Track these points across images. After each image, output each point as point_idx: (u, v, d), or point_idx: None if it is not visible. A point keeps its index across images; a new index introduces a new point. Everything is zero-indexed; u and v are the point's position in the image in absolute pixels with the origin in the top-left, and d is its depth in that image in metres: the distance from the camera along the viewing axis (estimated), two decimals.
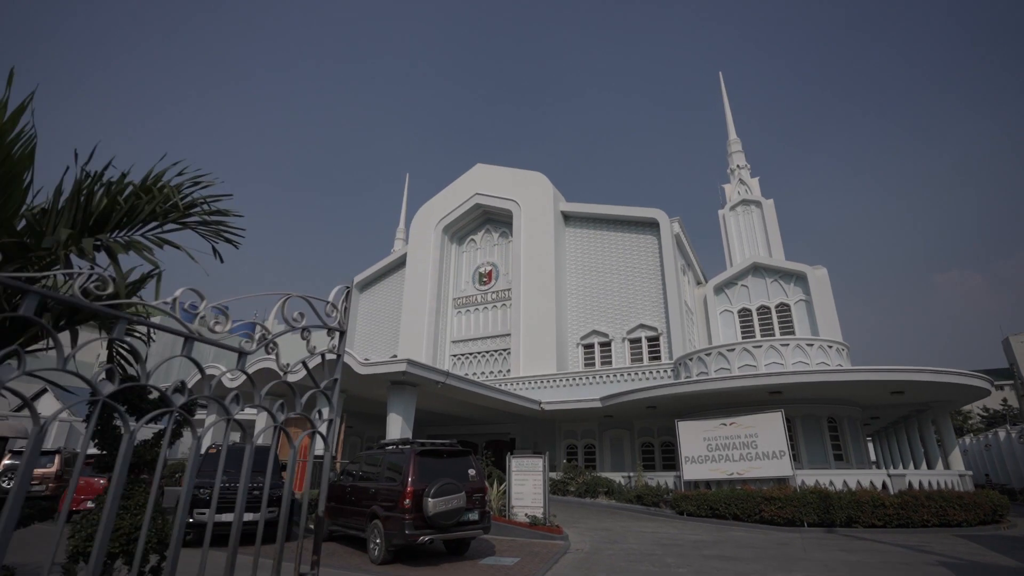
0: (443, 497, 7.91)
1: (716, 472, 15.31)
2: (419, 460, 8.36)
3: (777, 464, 14.41)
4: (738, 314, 28.00)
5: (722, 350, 18.76)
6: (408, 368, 13.40)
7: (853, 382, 14.53)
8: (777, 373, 14.74)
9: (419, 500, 7.90)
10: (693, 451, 15.81)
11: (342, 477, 10.19)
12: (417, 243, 31.92)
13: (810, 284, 26.25)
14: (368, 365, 13.80)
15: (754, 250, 29.77)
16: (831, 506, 12.95)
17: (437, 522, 7.86)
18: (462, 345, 29.35)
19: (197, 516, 9.08)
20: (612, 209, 27.65)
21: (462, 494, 8.15)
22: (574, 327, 26.74)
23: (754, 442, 14.93)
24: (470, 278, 30.71)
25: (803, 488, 13.76)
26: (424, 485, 8.01)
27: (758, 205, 30.94)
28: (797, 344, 17.94)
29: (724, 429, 15.51)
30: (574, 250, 28.33)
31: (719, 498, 14.28)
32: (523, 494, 11.62)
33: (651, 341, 24.77)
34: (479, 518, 8.55)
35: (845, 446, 17.08)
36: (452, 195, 31.86)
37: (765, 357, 17.86)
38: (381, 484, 8.70)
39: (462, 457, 8.98)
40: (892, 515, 12.59)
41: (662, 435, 21.50)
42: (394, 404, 14.82)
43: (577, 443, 23.28)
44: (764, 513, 13.51)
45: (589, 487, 18.18)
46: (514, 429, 25.17)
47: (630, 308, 25.76)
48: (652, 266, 26.08)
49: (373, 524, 8.39)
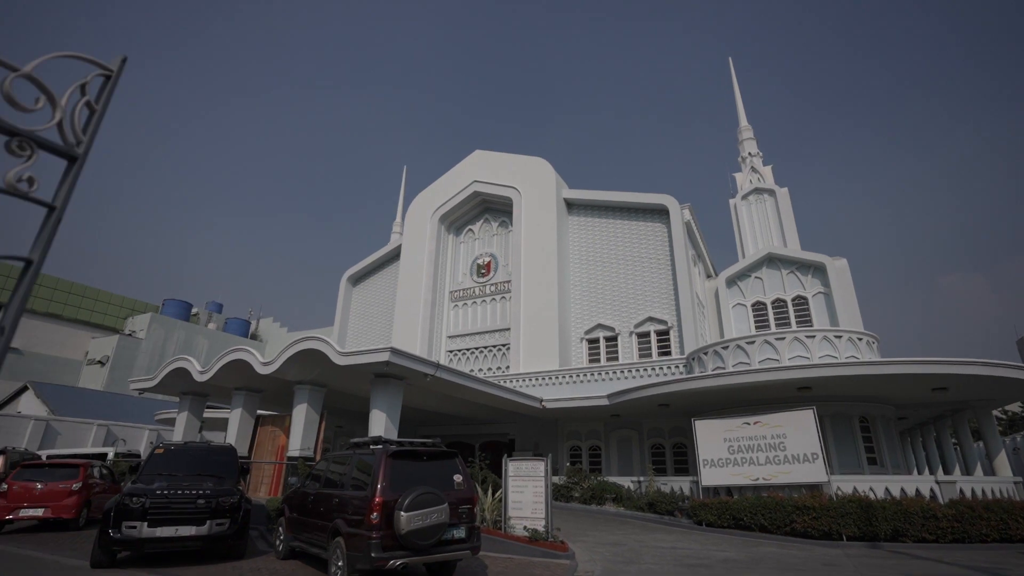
0: (420, 510, 6.30)
1: (739, 477, 13.67)
2: (392, 464, 6.75)
3: (809, 468, 12.76)
4: (752, 308, 26.32)
5: (741, 343, 17.16)
6: (392, 358, 11.79)
7: (894, 376, 12.87)
8: (809, 366, 13.11)
9: (390, 514, 6.29)
10: (712, 453, 14.18)
11: (307, 482, 8.55)
12: (412, 233, 30.34)
13: (829, 276, 24.58)
14: (347, 355, 12.19)
15: (767, 241, 28.12)
16: (874, 517, 11.31)
17: (412, 541, 6.25)
18: (459, 340, 27.73)
19: (127, 531, 7.45)
20: (618, 195, 26.04)
21: (444, 506, 6.54)
22: (578, 321, 25.12)
23: (782, 443, 13.29)
24: (468, 270, 29.11)
25: (840, 496, 12.13)
26: (397, 495, 6.40)
27: (771, 194, 29.29)
28: (824, 336, 16.33)
29: (748, 429, 13.88)
30: (578, 239, 26.72)
31: (743, 507, 12.64)
32: (522, 503, 10.00)
33: (660, 335, 23.13)
34: (466, 535, 6.94)
35: (879, 449, 15.44)
36: (449, 183, 30.28)
37: (789, 350, 16.26)
38: (346, 492, 7.09)
39: (446, 460, 7.36)
40: (945, 528, 10.95)
41: (674, 436, 19.85)
42: (378, 399, 13.22)
43: (581, 444, 21.64)
44: (796, 524, 11.87)
45: (595, 493, 16.55)
46: (513, 430, 23.54)
47: (638, 300, 24.14)
48: (661, 255, 24.45)
49: (335, 542, 6.78)
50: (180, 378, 16.51)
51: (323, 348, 12.44)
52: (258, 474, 15.68)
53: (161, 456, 9.39)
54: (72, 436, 30.03)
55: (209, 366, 15.28)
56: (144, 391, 17.78)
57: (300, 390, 14.65)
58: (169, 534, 7.59)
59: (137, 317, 51.48)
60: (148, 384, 17.20)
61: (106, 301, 52.65)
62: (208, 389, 17.40)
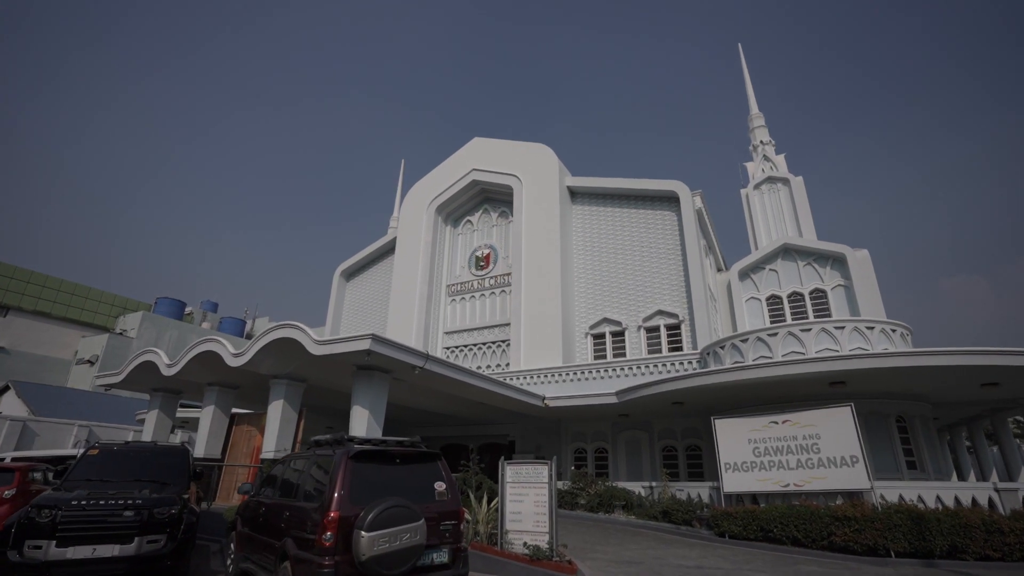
0: (388, 529, 4.84)
1: (766, 483, 12.16)
2: (353, 468, 5.29)
3: (848, 474, 11.25)
4: (766, 302, 24.79)
5: (762, 335, 15.67)
6: (373, 346, 10.34)
7: (945, 369, 11.38)
8: (848, 356, 11.59)
9: (348, 533, 4.83)
10: (735, 456, 12.67)
11: (263, 490, 7.09)
12: (408, 225, 28.91)
13: (850, 267, 23.06)
14: (324, 343, 10.75)
15: (781, 231, 26.62)
16: (927, 530, 9.80)
17: (376, 570, 4.79)
18: (456, 336, 26.27)
19: (29, 552, 5.99)
20: (625, 182, 24.59)
21: (421, 523, 5.08)
22: (582, 315, 23.64)
23: (815, 445, 11.78)
24: (466, 262, 27.65)
25: (885, 506, 10.62)
26: (358, 509, 4.95)
27: (785, 183, 27.80)
28: (855, 327, 14.85)
29: (776, 429, 12.37)
30: (582, 229, 25.26)
31: (773, 516, 11.14)
32: (522, 514, 8.51)
33: (671, 330, 21.65)
34: (449, 559, 5.48)
35: (918, 451, 13.93)
36: (447, 172, 28.86)
37: (816, 343, 14.77)
38: (298, 504, 5.64)
39: (426, 463, 5.89)
40: (1013, 544, 9.42)
41: (687, 438, 18.35)
42: (360, 394, 11.76)
43: (586, 447, 20.14)
44: (835, 538, 10.37)
45: (603, 500, 15.05)
46: (514, 431, 22.06)
47: (646, 293, 22.66)
48: (671, 245, 22.99)
49: (283, 568, 5.32)
50: (149, 373, 15.08)
51: (297, 336, 11.00)
52: (231, 478, 14.22)
53: (95, 458, 7.95)
54: (51, 437, 28.59)
55: (177, 359, 13.86)
56: (110, 387, 16.35)
57: (276, 385, 13.21)
58: (84, 555, 6.12)
59: (128, 316, 50.13)
60: (114, 380, 15.78)
61: (97, 299, 51.28)
62: (180, 385, 15.97)
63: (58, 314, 47.68)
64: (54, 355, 46.07)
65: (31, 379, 38.99)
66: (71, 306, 49.11)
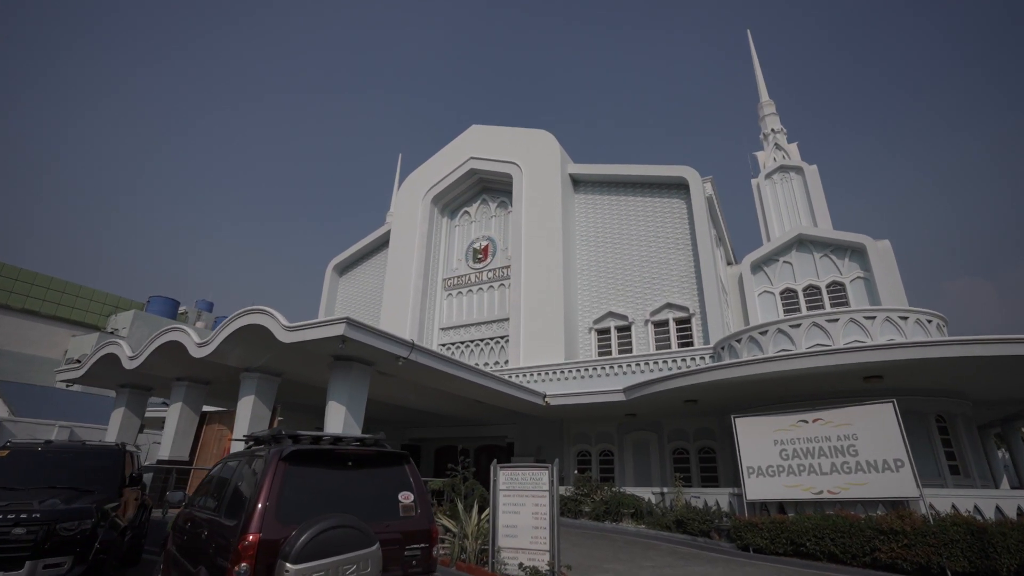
0: (323, 561, 3.49)
1: (795, 489, 10.77)
2: (287, 473, 3.94)
3: (892, 479, 9.86)
4: (780, 295, 23.37)
5: (783, 326, 14.31)
6: (348, 332, 9.00)
7: (997, 359, 9.99)
8: (886, 347, 10.20)
9: (271, 564, 3.49)
10: (759, 459, 11.28)
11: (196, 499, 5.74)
12: (403, 216, 27.59)
13: (871, 259, 21.66)
14: (294, 329, 9.42)
15: (795, 222, 25.24)
16: (990, 546, 8.42)
17: None
18: (452, 332, 24.91)
19: None
20: (631, 169, 23.25)
21: (375, 549, 3.73)
22: (586, 309, 22.28)
23: (852, 447, 10.40)
24: (463, 255, 26.32)
25: (936, 517, 9.24)
26: (288, 530, 3.60)
27: (799, 172, 26.42)
28: (887, 317, 13.48)
29: (805, 428, 10.99)
30: (585, 219, 23.92)
31: (805, 528, 9.76)
32: (517, 528, 7.14)
33: (680, 324, 20.28)
34: None
35: (961, 454, 12.55)
36: (444, 161, 27.55)
37: (844, 334, 13.40)
38: (218, 520, 4.29)
39: (388, 468, 4.53)
40: None
41: (700, 439, 16.96)
42: (336, 388, 10.42)
43: (590, 449, 18.76)
44: (879, 554, 9.00)
45: (610, 507, 13.67)
46: (512, 432, 20.67)
47: (654, 285, 21.30)
48: (680, 235, 21.64)
49: None
50: (113, 367, 13.77)
51: (264, 322, 9.68)
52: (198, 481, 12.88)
53: (4, 461, 6.61)
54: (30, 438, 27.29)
55: (139, 351, 12.55)
56: (72, 382, 15.04)
57: (247, 379, 11.89)
58: None
59: (120, 315, 48.93)
60: (75, 374, 14.48)
61: (88, 298, 50.04)
62: (148, 380, 14.66)
63: (48, 312, 46.47)
64: (43, 354, 44.83)
65: (19, 379, 37.72)
66: (61, 304, 47.89)
